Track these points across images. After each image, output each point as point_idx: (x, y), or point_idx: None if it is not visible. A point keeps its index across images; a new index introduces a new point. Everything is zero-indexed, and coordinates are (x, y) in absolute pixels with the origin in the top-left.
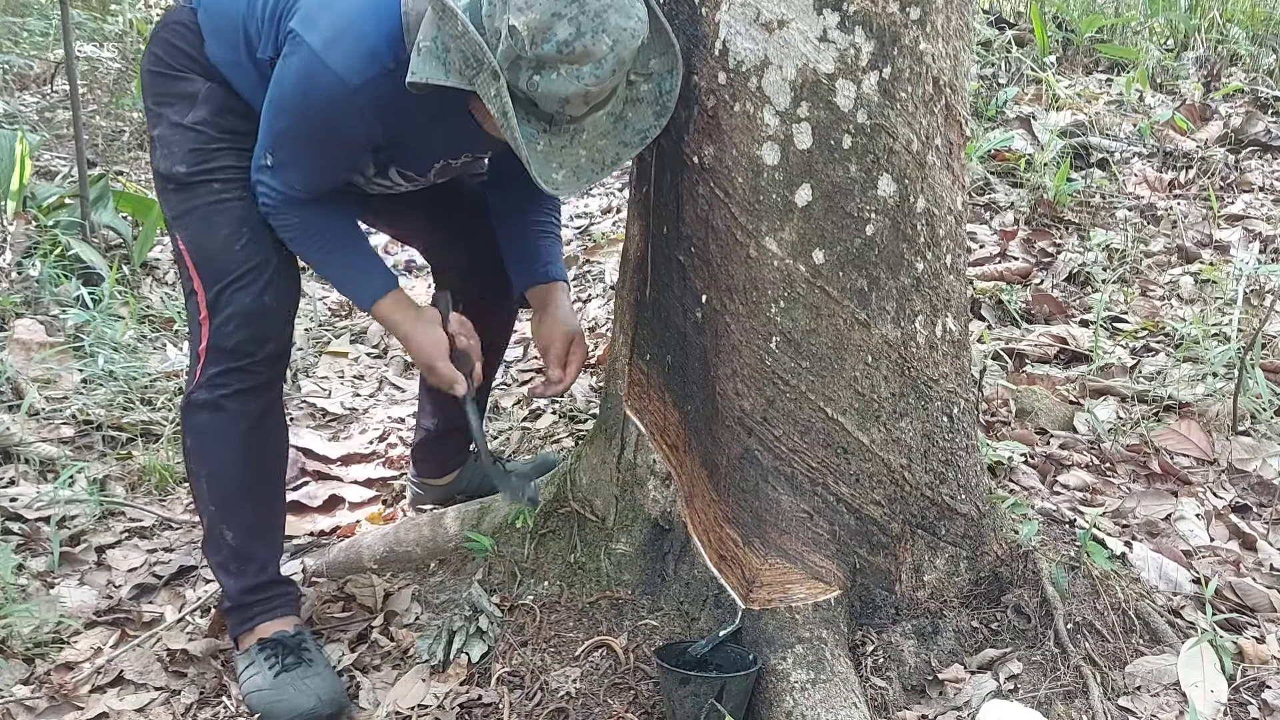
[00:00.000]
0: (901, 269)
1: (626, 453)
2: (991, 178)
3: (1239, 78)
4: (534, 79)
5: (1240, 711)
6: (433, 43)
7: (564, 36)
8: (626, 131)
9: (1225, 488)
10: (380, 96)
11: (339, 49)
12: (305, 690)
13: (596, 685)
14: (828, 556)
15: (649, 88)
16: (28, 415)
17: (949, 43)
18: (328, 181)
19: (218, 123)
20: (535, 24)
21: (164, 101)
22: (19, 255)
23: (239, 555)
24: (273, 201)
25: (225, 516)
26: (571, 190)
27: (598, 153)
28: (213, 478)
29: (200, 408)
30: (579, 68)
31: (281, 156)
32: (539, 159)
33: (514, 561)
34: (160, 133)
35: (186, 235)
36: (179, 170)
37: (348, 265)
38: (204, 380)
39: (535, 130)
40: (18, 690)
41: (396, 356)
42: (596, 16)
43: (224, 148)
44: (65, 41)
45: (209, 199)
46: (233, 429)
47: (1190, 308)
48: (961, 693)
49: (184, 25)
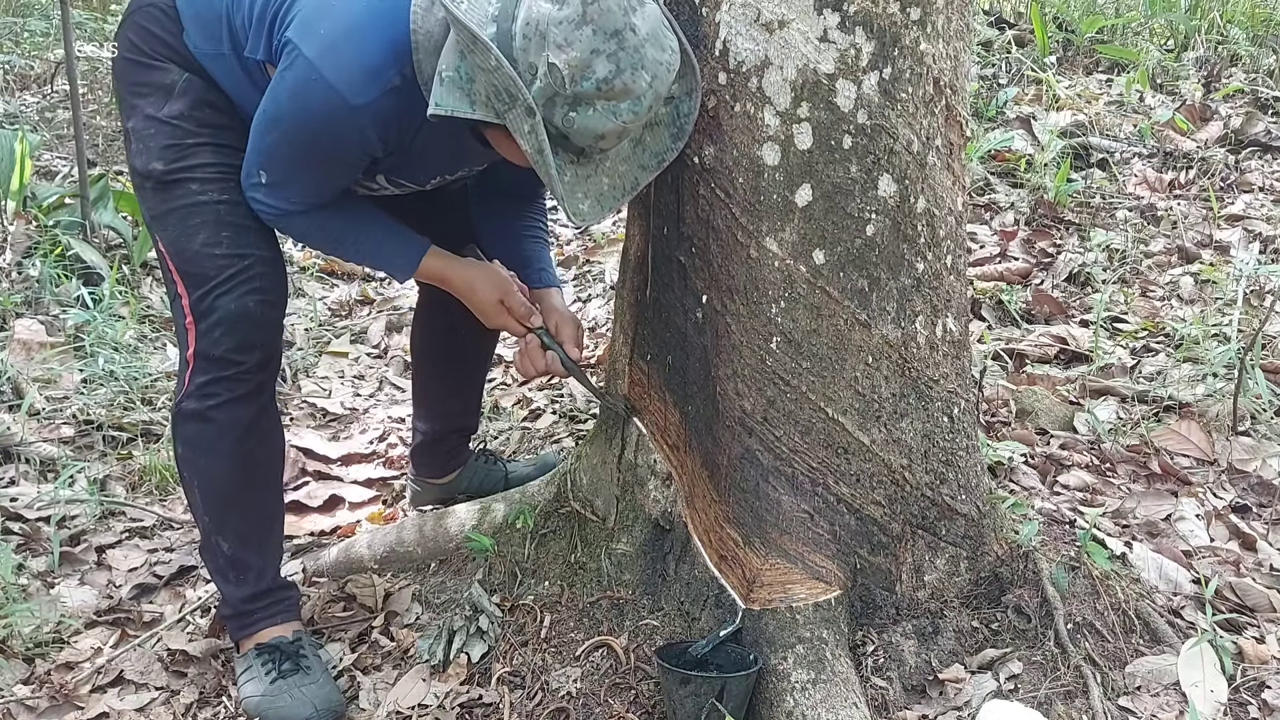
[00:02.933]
0: (902, 269)
1: (627, 453)
2: (991, 178)
3: (1239, 78)
4: (570, 115)
5: (1240, 711)
6: (456, 73)
7: (603, 74)
8: (644, 155)
9: (1225, 488)
10: (383, 115)
11: (338, 61)
12: (301, 699)
13: (597, 685)
14: (828, 556)
15: (667, 110)
16: (28, 415)
17: (949, 43)
18: (325, 194)
19: (195, 116)
20: (576, 62)
21: (138, 92)
22: (19, 255)
23: (235, 564)
24: (273, 215)
25: (219, 526)
26: (595, 219)
27: (618, 178)
28: (205, 487)
29: (189, 418)
30: (617, 104)
31: (276, 174)
32: (566, 190)
33: (514, 561)
34: (135, 125)
35: (166, 238)
36: (156, 167)
37: (376, 246)
38: (192, 389)
39: (563, 162)
40: (18, 690)
41: (397, 356)
42: (635, 52)
43: (202, 143)
44: (65, 41)
45: (186, 200)
46: (221, 440)
47: (1190, 308)
48: (962, 693)
49: (161, 10)
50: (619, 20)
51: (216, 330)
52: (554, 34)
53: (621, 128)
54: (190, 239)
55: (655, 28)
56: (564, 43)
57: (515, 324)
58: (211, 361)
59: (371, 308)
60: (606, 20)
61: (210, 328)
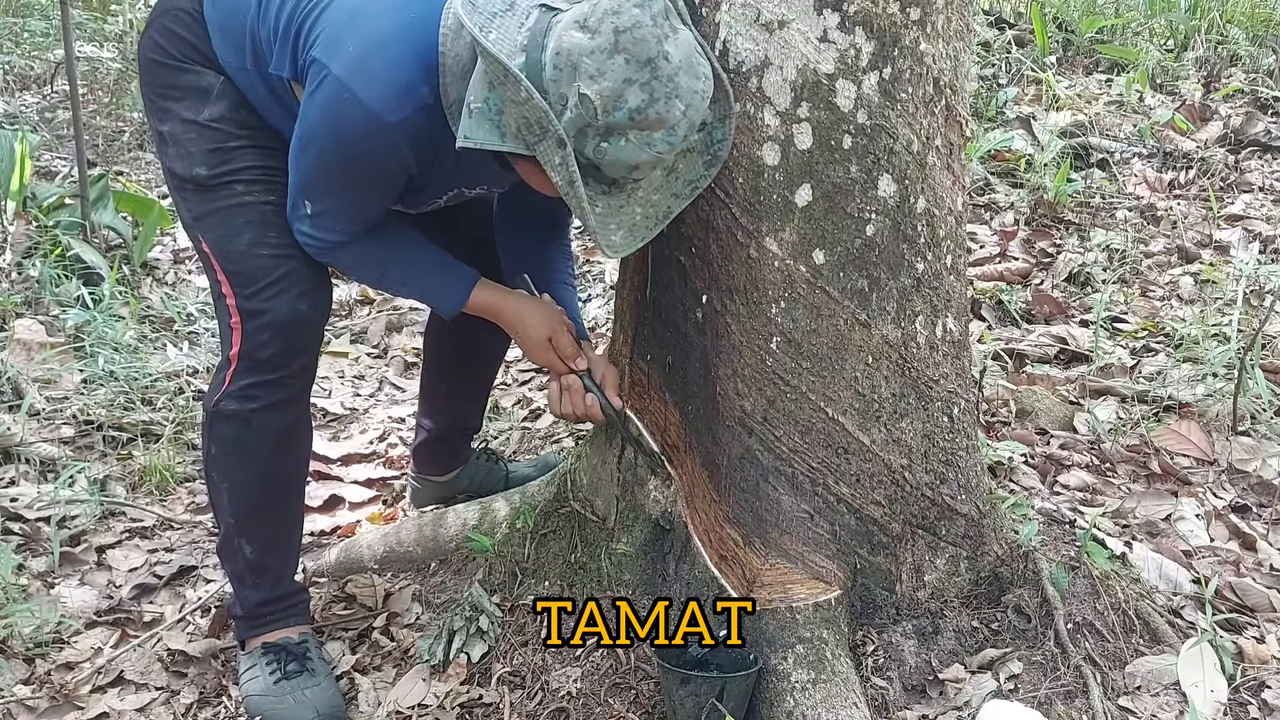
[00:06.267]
0: (902, 269)
1: (627, 453)
2: (991, 178)
3: (1239, 78)
4: (602, 146)
5: (1240, 711)
6: (484, 104)
7: (636, 104)
8: (677, 183)
9: (1225, 488)
10: (418, 132)
11: (369, 78)
12: (304, 701)
13: (597, 685)
14: (828, 556)
15: (700, 136)
16: (28, 415)
17: (949, 43)
18: (366, 219)
19: (235, 119)
20: (608, 92)
21: (170, 95)
22: (19, 255)
23: (255, 568)
24: (320, 249)
25: (243, 529)
26: (628, 249)
27: (651, 208)
28: (234, 490)
29: (227, 418)
30: (651, 134)
31: (318, 202)
32: (599, 221)
33: (514, 561)
34: (171, 130)
35: (210, 238)
36: (199, 172)
37: (424, 278)
38: (234, 390)
39: (594, 193)
40: (18, 690)
41: (397, 356)
42: (669, 81)
43: (244, 146)
44: (65, 42)
45: (231, 201)
46: (259, 444)
47: (1190, 308)
48: (962, 693)
49: (188, 14)
50: (652, 49)
51: (265, 333)
52: (586, 64)
53: (655, 158)
54: (235, 238)
55: (689, 55)
56: (596, 73)
57: (560, 363)
58: (257, 364)
59: (371, 308)
60: (639, 49)
61: (258, 329)
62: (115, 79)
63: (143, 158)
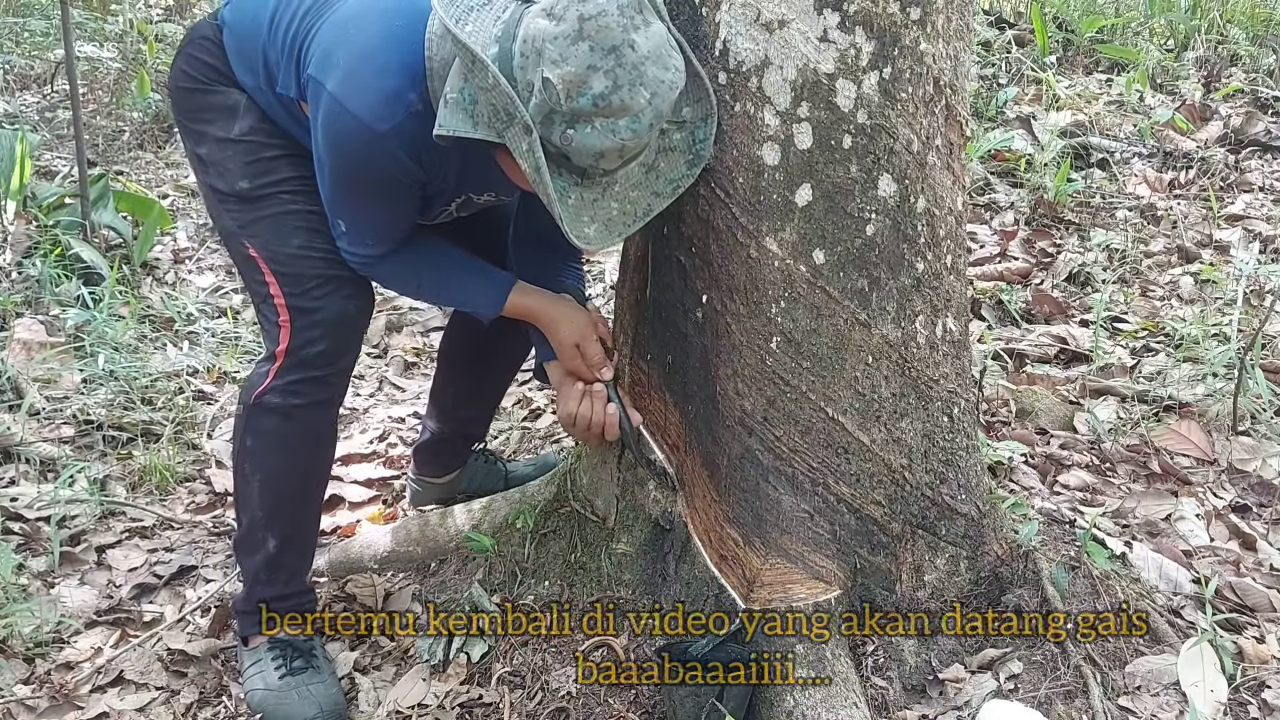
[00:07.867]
0: (902, 269)
1: (627, 453)
2: (991, 178)
3: (1239, 78)
4: (568, 133)
5: (1240, 711)
6: (459, 94)
7: (600, 90)
8: (659, 182)
9: (1225, 488)
10: (409, 138)
11: (357, 90)
12: (308, 698)
13: (597, 685)
14: (828, 556)
15: (681, 136)
16: (28, 415)
17: (949, 43)
18: (394, 230)
19: (265, 129)
20: (570, 77)
21: (201, 118)
22: (19, 255)
23: (273, 564)
24: (360, 263)
25: (270, 523)
26: (603, 244)
27: (629, 204)
28: (266, 483)
29: (270, 412)
30: (615, 121)
31: (345, 218)
32: (570, 213)
33: (514, 561)
34: (208, 152)
35: (258, 243)
36: (242, 186)
37: (461, 285)
38: (278, 384)
39: (567, 184)
40: (18, 690)
41: (397, 356)
42: (634, 69)
43: (280, 156)
44: (65, 41)
45: (278, 209)
46: (298, 439)
47: (1190, 308)
48: (962, 692)
49: (210, 40)
50: (616, 37)
51: (314, 330)
52: (549, 50)
53: (621, 145)
54: (285, 242)
55: (658, 47)
56: (559, 58)
57: (586, 371)
58: (304, 362)
59: None
60: (604, 37)
61: (308, 327)
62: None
63: (143, 157)
